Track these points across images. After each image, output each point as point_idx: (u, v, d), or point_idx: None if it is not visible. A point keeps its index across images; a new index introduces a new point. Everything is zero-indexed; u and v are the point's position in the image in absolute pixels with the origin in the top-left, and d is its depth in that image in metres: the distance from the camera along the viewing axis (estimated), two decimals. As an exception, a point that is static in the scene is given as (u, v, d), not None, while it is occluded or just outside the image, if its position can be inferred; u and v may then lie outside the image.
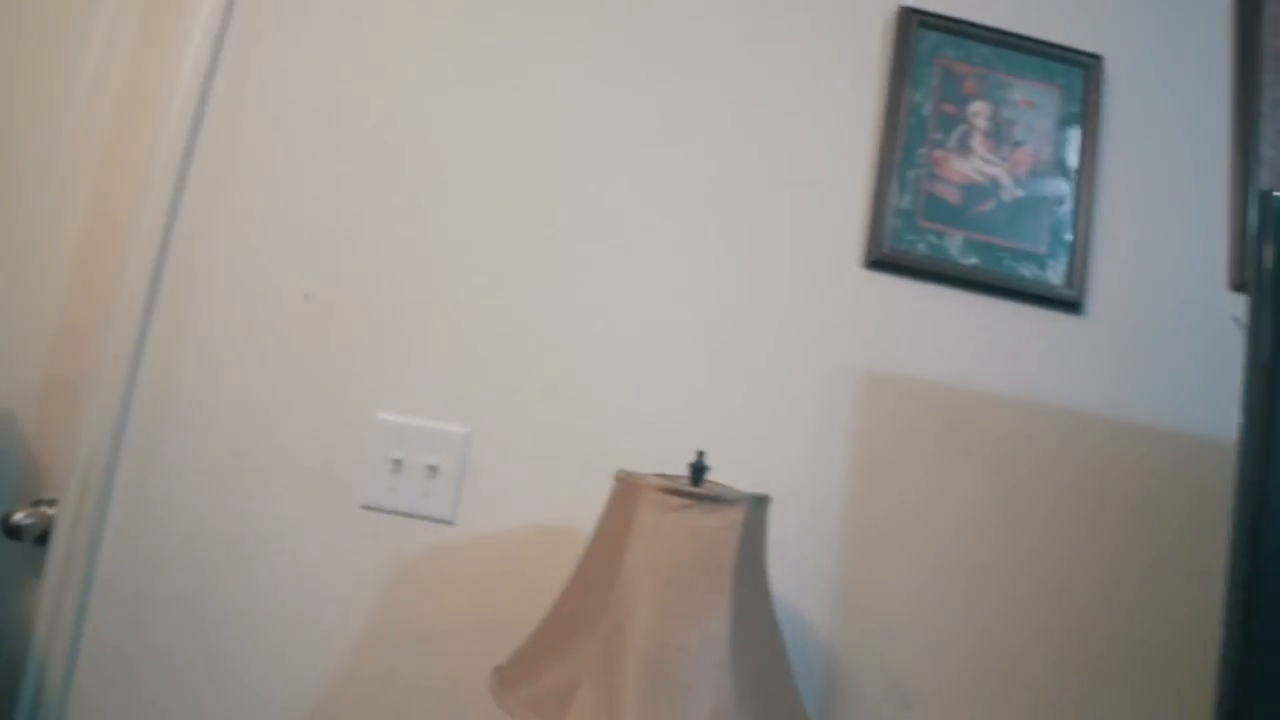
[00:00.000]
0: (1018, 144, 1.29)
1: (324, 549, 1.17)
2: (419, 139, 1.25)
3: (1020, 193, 1.28)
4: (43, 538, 1.25)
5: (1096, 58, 1.33)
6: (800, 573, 1.19)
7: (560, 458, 1.17)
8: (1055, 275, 1.26)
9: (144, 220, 1.23)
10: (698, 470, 0.98)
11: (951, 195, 1.26)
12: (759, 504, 0.95)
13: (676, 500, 0.91)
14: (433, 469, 1.15)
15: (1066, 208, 1.28)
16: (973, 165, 1.27)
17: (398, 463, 1.16)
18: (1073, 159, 1.30)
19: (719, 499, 0.92)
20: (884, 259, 1.24)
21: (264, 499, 1.19)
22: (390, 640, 1.15)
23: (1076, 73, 1.32)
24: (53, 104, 1.37)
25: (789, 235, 1.26)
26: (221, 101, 1.27)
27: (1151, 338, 1.29)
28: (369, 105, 1.26)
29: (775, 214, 1.26)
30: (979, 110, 1.29)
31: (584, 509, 1.16)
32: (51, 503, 1.27)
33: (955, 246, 1.25)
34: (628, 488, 0.95)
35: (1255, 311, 0.85)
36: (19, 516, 1.22)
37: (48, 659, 1.18)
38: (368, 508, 1.17)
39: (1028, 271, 1.26)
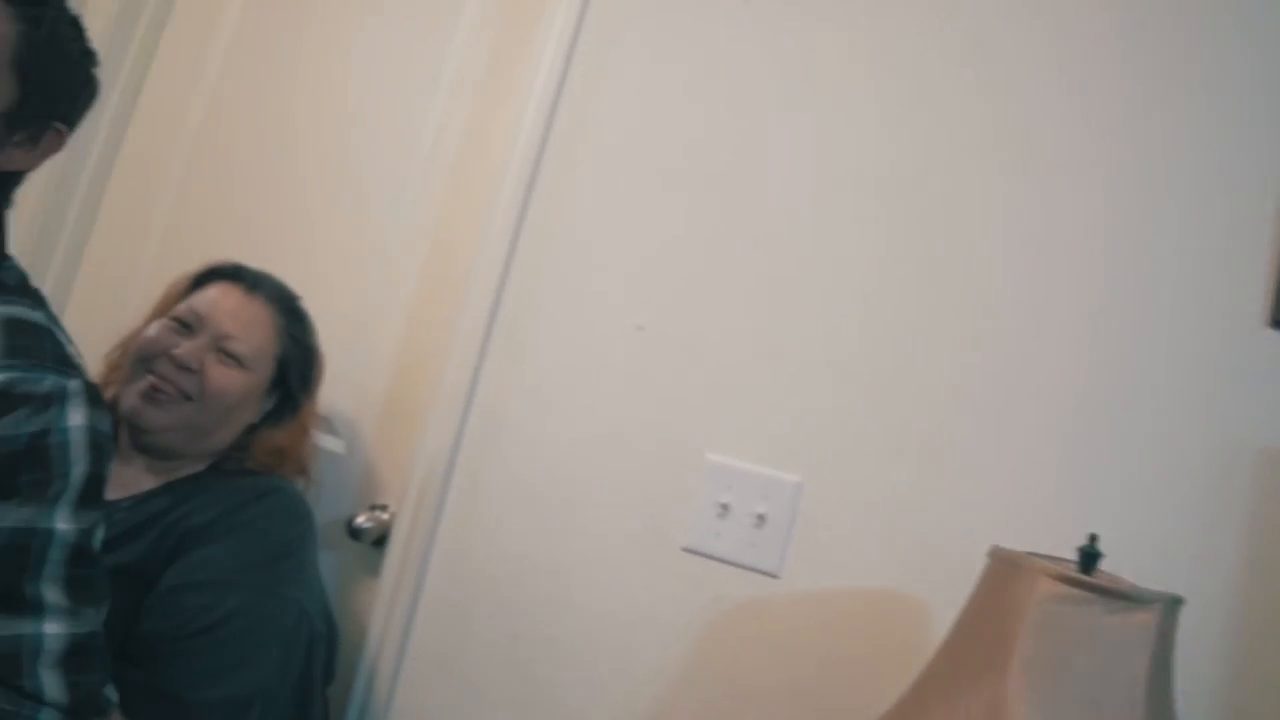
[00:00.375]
0: None
1: (642, 588, 1.15)
2: (757, 170, 1.21)
3: None
4: (378, 541, 1.33)
5: None
6: (1178, 682, 1.01)
7: (899, 519, 1.08)
8: None
9: (486, 251, 1.28)
10: (1089, 556, 0.85)
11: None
12: (1173, 607, 0.81)
13: (1077, 592, 0.79)
14: (760, 517, 1.10)
15: None
16: None
17: (724, 507, 1.12)
18: None
19: (1128, 596, 0.79)
20: (1300, 318, 1.04)
21: (585, 530, 1.19)
22: (705, 688, 1.11)
23: None
24: (404, 142, 1.47)
25: (1178, 287, 1.09)
26: (561, 135, 1.30)
27: None
28: (704, 137, 1.24)
29: (1164, 263, 1.10)
30: None
31: (922, 577, 1.06)
32: (384, 508, 1.36)
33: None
34: (1009, 568, 0.84)
35: None
36: (360, 519, 1.31)
37: (379, 656, 1.25)
38: (689, 550, 1.13)
39: None
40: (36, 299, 0.85)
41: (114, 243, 1.63)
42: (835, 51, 1.21)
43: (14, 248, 0.87)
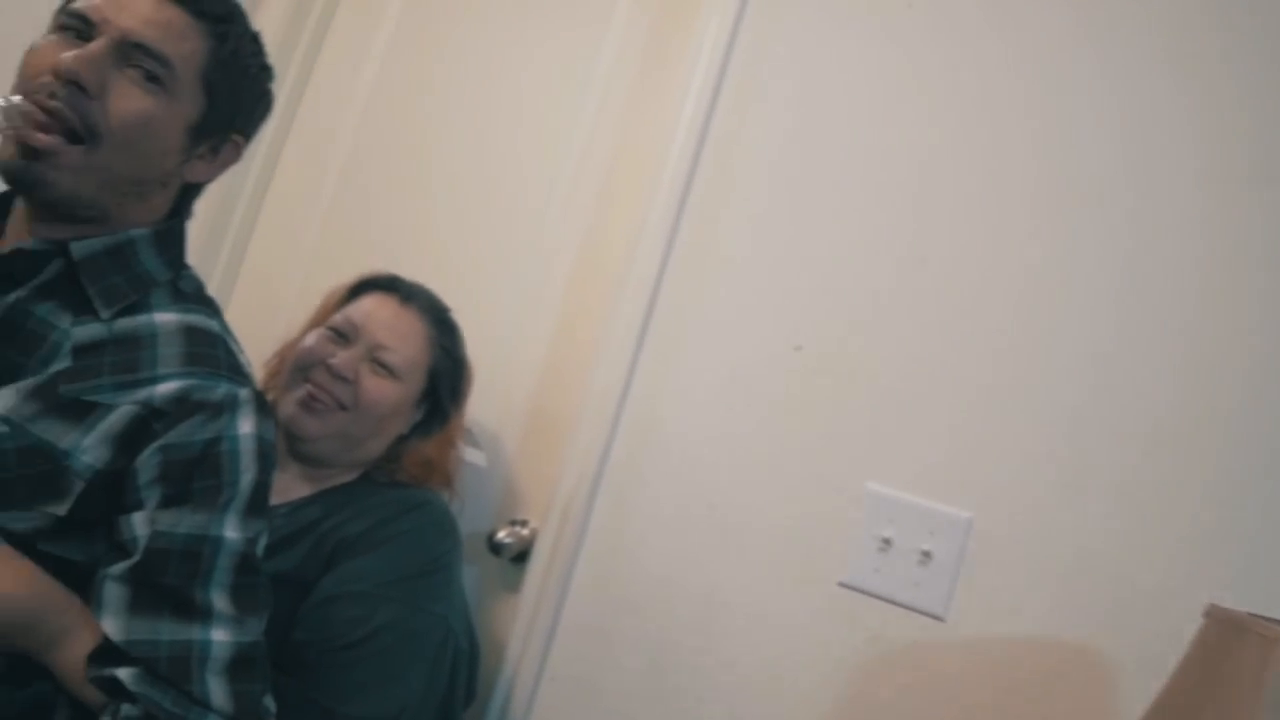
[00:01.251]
0: None
1: (794, 622, 1.08)
2: (924, 182, 1.13)
3: None
4: (518, 557, 1.32)
5: None
6: None
7: (1082, 563, 0.98)
8: None
9: (637, 265, 1.25)
10: (1333, 624, 0.74)
11: None
12: None
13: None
14: (926, 554, 1.02)
15: None
16: None
17: (886, 542, 1.04)
18: None
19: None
20: None
21: (734, 558, 1.13)
22: (859, 737, 1.04)
23: None
24: (552, 153, 1.46)
25: None
26: (715, 145, 1.26)
27: None
28: (864, 149, 1.17)
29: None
30: None
31: (1108, 631, 0.95)
32: (524, 523, 1.34)
33: None
34: (1233, 631, 0.74)
35: None
36: (501, 535, 1.29)
37: (517, 676, 1.23)
38: (845, 586, 1.06)
39: None
40: (213, 307, 0.87)
41: (270, 252, 1.69)
42: (992, 61, 1.13)
43: (191, 257, 0.89)
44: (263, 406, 0.82)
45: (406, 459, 1.13)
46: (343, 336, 1.09)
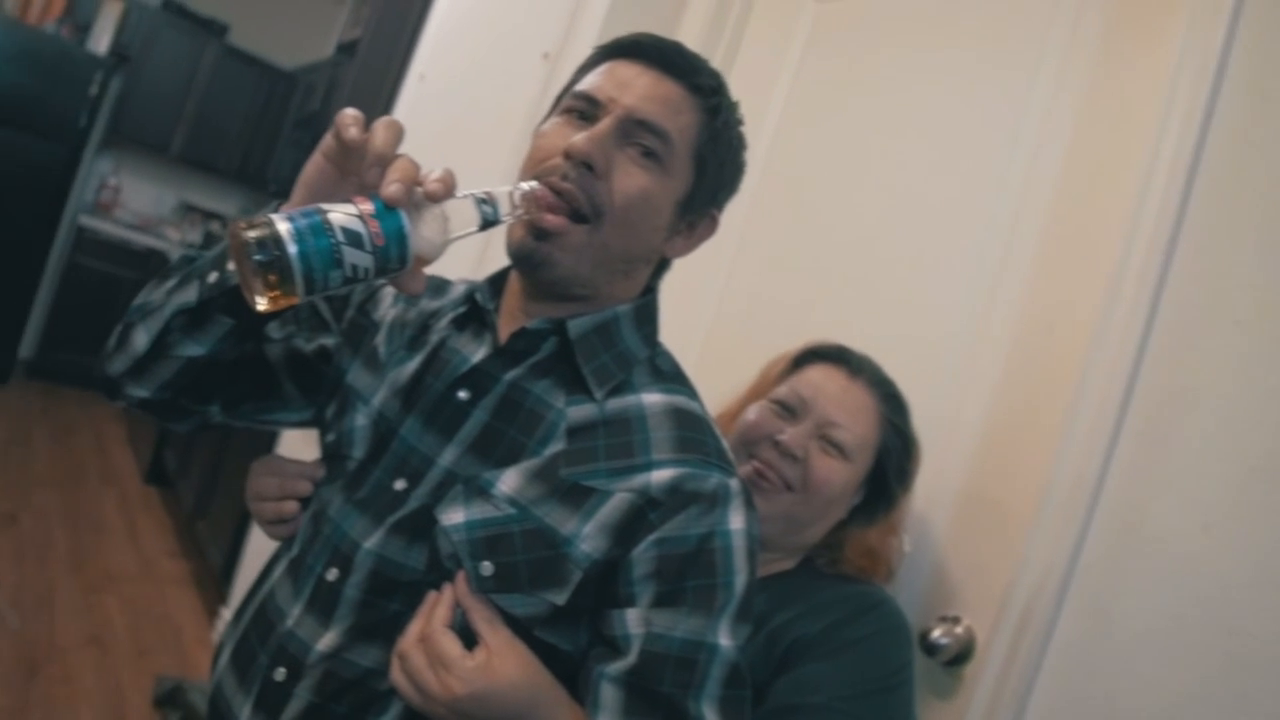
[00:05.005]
0: None
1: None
2: None
3: None
4: (954, 659, 1.16)
5: None
6: None
7: None
8: None
9: (1110, 331, 1.06)
10: None
11: None
12: None
13: None
14: None
15: None
16: None
17: None
18: None
19: None
20: None
21: (1260, 698, 0.89)
22: None
23: None
24: (978, 213, 1.32)
25: None
26: (1206, 193, 1.04)
27: None
28: None
29: None
30: None
31: None
32: (956, 620, 1.18)
33: None
34: None
35: None
36: (936, 634, 1.14)
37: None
38: None
39: None
40: (691, 387, 0.83)
41: (668, 321, 1.70)
42: None
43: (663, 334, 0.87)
44: (749, 499, 0.77)
45: (849, 547, 1.04)
46: (789, 411, 1.02)
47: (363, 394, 0.82)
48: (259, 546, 2.51)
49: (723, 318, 1.61)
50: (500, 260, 0.83)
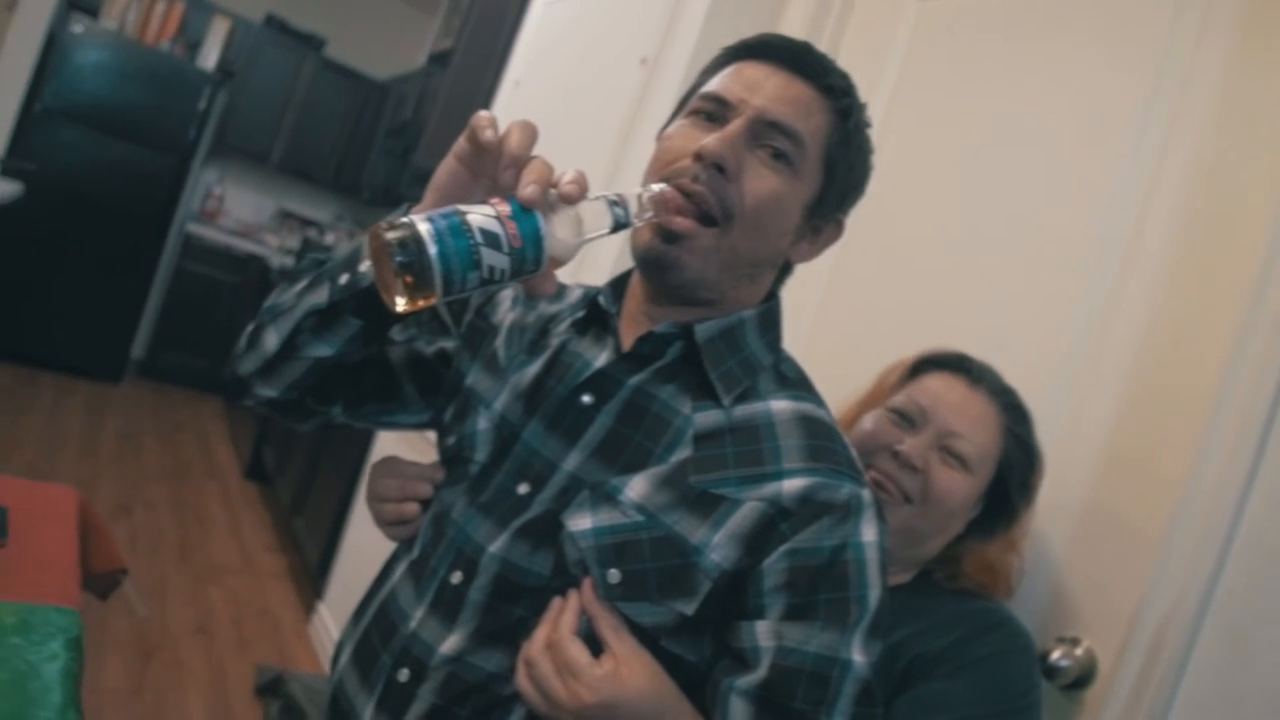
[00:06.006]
0: None
1: None
2: None
3: None
4: (1074, 683, 1.11)
5: None
6: None
7: None
8: None
9: (1256, 337, 1.00)
10: None
11: None
12: None
13: None
14: None
15: None
16: None
17: None
18: None
19: None
20: None
21: None
22: None
23: None
24: (1098, 214, 1.26)
25: None
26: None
27: None
28: None
29: None
30: None
31: None
32: (1075, 641, 1.13)
33: None
34: None
35: None
36: (1056, 656, 1.09)
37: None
38: None
39: None
40: (817, 395, 0.81)
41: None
42: None
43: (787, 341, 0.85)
44: (881, 511, 0.75)
45: (968, 562, 1.00)
46: (907, 420, 0.99)
47: (484, 397, 0.83)
48: (355, 544, 2.58)
49: (824, 325, 1.58)
50: (591, 266, 0.82)
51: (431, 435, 0.91)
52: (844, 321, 1.55)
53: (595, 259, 1.67)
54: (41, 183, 3.68)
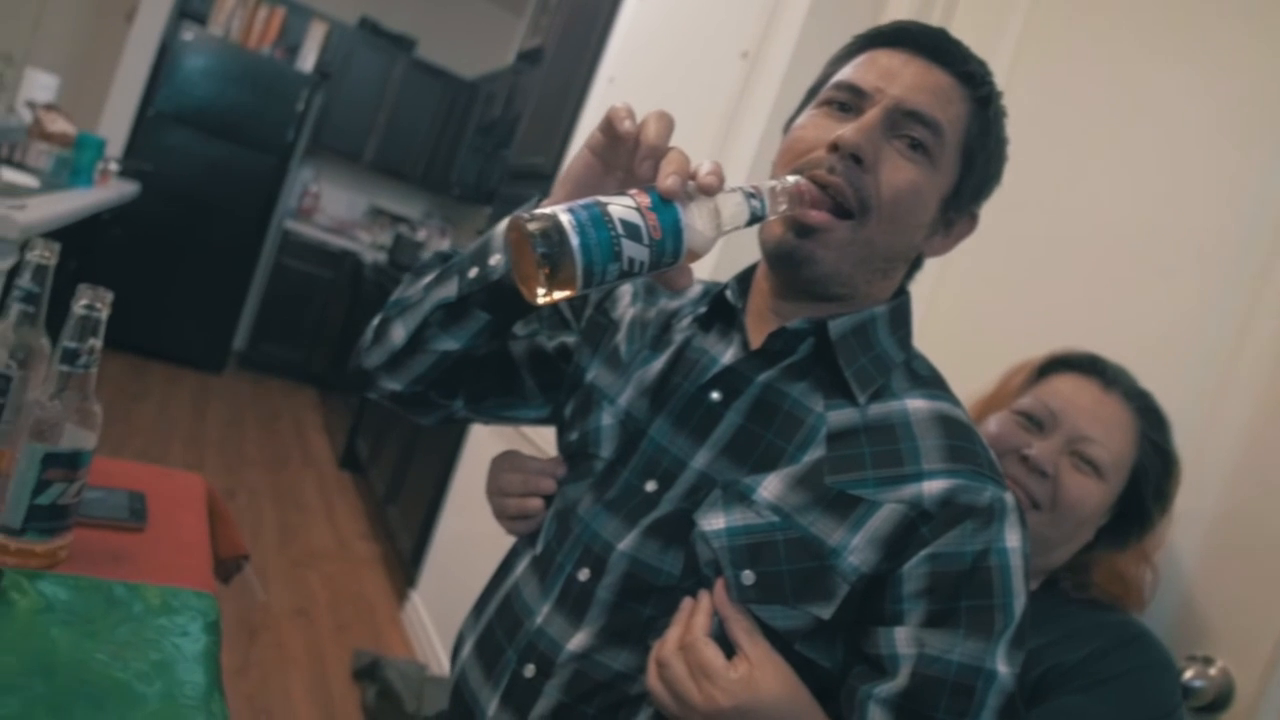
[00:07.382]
0: None
1: None
2: None
3: None
4: (1209, 706, 1.05)
5: None
6: None
7: None
8: None
9: None
10: None
11: None
12: None
13: None
14: None
15: None
16: None
17: None
18: None
19: None
20: None
21: None
22: None
23: None
24: (1244, 193, 1.19)
25: None
26: None
27: None
28: None
29: None
30: None
31: None
32: (1209, 661, 1.07)
33: None
34: None
35: None
36: (1189, 675, 1.04)
37: None
38: None
39: None
40: (953, 394, 0.78)
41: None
42: None
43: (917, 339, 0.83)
44: (1023, 516, 0.72)
45: (1098, 572, 0.96)
46: (1036, 423, 0.96)
47: (607, 393, 0.83)
48: (447, 534, 2.63)
49: (933, 320, 1.53)
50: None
51: (527, 430, 0.91)
52: (957, 318, 1.50)
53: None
54: (156, 183, 3.87)
